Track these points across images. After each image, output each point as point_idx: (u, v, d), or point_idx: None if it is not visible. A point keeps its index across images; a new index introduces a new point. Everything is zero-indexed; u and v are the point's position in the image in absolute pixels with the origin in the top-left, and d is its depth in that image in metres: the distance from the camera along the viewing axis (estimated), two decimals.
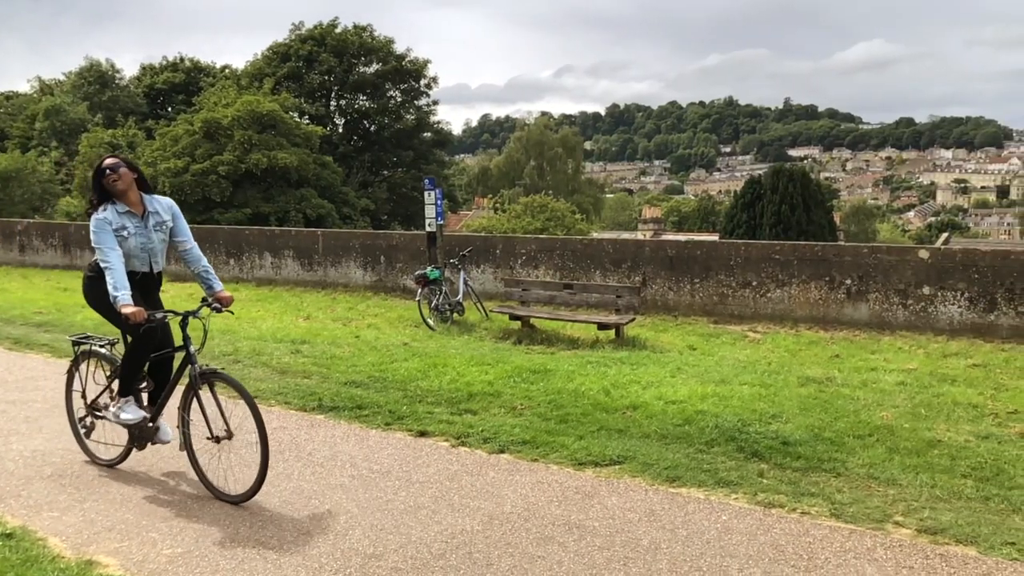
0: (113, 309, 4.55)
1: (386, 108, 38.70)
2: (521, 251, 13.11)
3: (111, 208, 4.64)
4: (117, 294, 4.40)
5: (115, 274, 4.45)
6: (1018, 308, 9.27)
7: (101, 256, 4.55)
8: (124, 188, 4.64)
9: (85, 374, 5.23)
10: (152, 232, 4.75)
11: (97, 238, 4.56)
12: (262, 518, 4.36)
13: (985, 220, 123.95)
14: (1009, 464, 4.98)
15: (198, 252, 4.99)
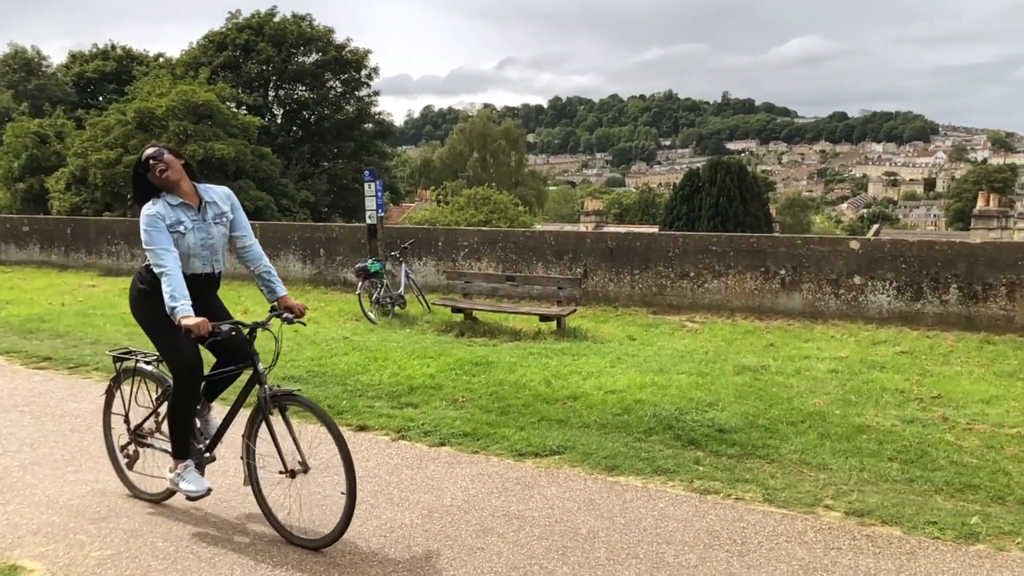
0: (166, 330, 3.89)
1: (326, 99, 38.09)
2: (463, 243, 13.09)
3: (161, 201, 3.92)
4: (176, 304, 3.70)
5: (173, 280, 3.75)
6: (942, 297, 9.61)
7: (155, 259, 3.82)
8: (176, 178, 3.94)
9: (129, 395, 4.49)
10: (212, 226, 4.05)
11: (150, 237, 3.83)
12: (195, 518, 4.27)
13: (914, 212, 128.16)
14: (932, 447, 5.16)
15: (259, 250, 4.29)
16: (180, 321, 3.69)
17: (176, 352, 3.94)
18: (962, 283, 9.51)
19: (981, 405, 6.19)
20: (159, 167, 3.91)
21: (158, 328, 3.97)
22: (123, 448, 4.60)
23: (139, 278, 4.11)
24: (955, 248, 9.75)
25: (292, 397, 3.98)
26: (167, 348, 3.98)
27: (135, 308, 4.14)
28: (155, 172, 3.92)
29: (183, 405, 4.03)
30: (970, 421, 5.75)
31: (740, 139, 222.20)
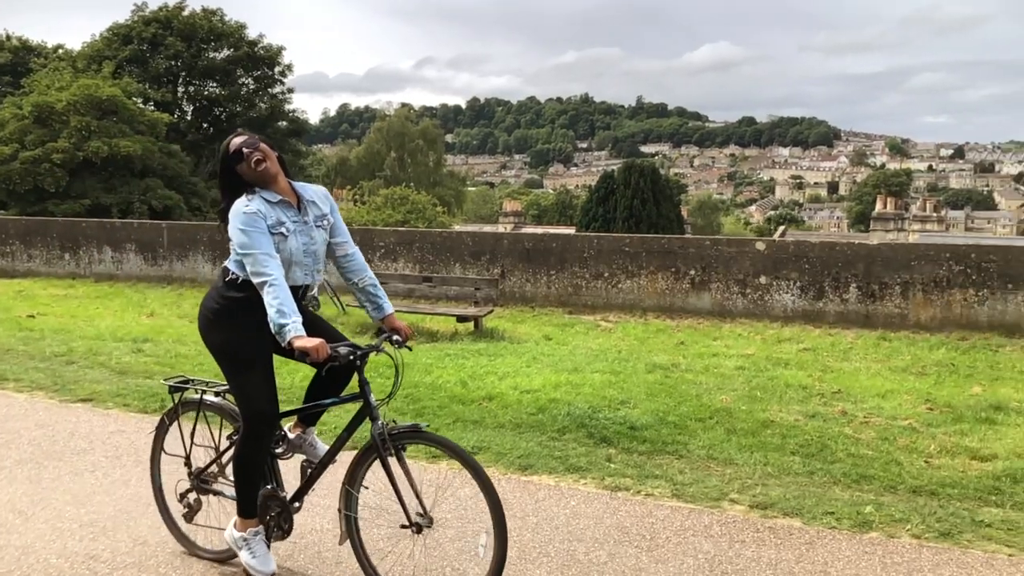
0: (246, 363, 3.29)
1: (238, 95, 37.16)
2: (380, 244, 12.96)
3: (258, 198, 3.27)
4: (286, 321, 3.05)
5: (280, 291, 3.10)
6: (843, 296, 10.03)
7: (256, 266, 3.14)
8: (275, 171, 3.31)
9: (191, 433, 3.75)
10: (314, 229, 3.40)
11: (249, 240, 3.15)
12: (94, 530, 4.10)
13: (818, 214, 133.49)
14: (832, 440, 5.38)
15: (363, 259, 3.64)
16: (292, 342, 3.04)
17: (251, 391, 3.29)
18: (861, 283, 9.95)
19: (877, 399, 6.48)
20: (255, 157, 3.27)
21: (236, 358, 3.31)
22: (182, 496, 3.79)
23: (215, 294, 3.38)
24: (854, 249, 10.19)
25: (419, 434, 3.31)
26: (241, 385, 3.30)
27: (208, 331, 3.39)
28: (250, 163, 3.26)
29: (253, 454, 3.36)
30: (867, 415, 6.02)
31: (654, 142, 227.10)
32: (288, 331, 3.04)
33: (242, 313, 3.28)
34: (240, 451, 3.36)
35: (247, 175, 3.29)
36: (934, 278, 9.61)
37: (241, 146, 3.28)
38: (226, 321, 3.32)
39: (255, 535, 3.44)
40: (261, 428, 3.31)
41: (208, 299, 3.41)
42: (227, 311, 3.32)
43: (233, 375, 3.34)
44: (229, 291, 3.31)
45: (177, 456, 3.79)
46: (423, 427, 3.34)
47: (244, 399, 3.30)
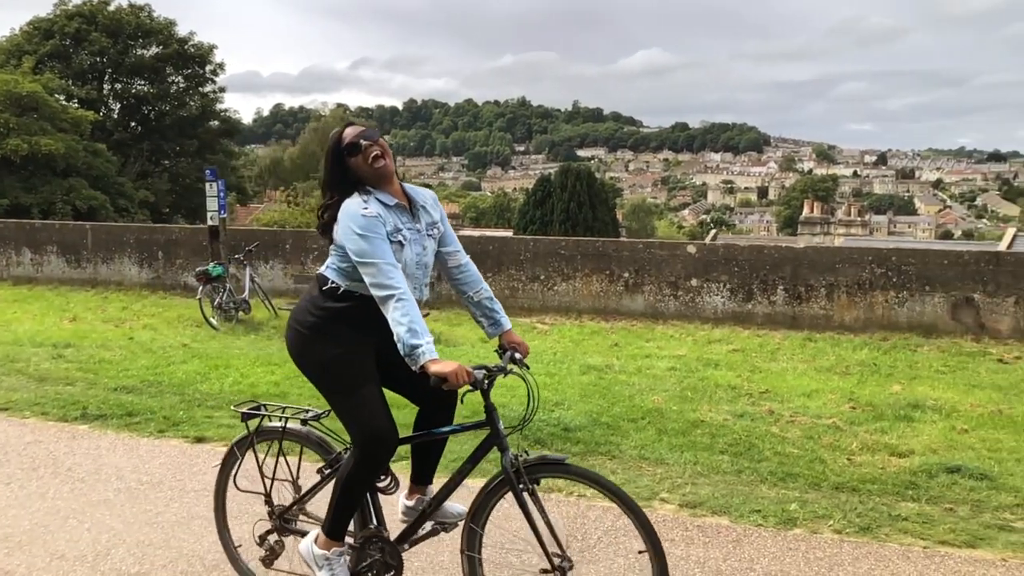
0: (353, 383, 2.92)
1: (167, 94, 36.16)
2: (313, 246, 12.78)
3: (373, 199, 2.90)
4: (419, 342, 2.69)
5: (411, 307, 2.74)
6: (770, 298, 10.29)
7: (378, 277, 2.77)
8: (392, 170, 2.97)
9: (274, 467, 3.32)
10: (426, 238, 3.04)
11: (370, 247, 2.79)
12: (9, 545, 3.94)
13: (748, 218, 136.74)
14: (759, 439, 5.51)
15: (476, 270, 3.28)
16: (427, 367, 2.68)
17: (365, 411, 2.92)
18: (788, 285, 10.22)
19: (803, 398, 6.66)
20: (373, 152, 2.90)
21: (343, 377, 2.94)
22: (262, 539, 3.39)
23: (310, 306, 2.99)
24: (781, 252, 10.47)
25: (561, 467, 2.97)
26: (352, 406, 2.92)
27: (303, 348, 3.01)
28: (367, 159, 2.90)
29: (364, 480, 3.01)
30: (793, 414, 6.18)
31: (590, 146, 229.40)
32: (422, 353, 2.68)
33: (345, 326, 2.93)
34: (350, 475, 2.97)
35: (360, 171, 2.92)
36: (857, 280, 9.93)
37: (358, 137, 2.91)
38: (327, 336, 2.94)
39: (339, 555, 3.08)
40: (379, 452, 2.95)
41: (301, 312, 3.02)
42: (328, 324, 2.95)
43: (341, 396, 2.94)
44: (327, 301, 2.95)
45: (254, 493, 3.37)
46: (563, 458, 2.97)
47: (357, 422, 2.92)
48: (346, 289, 2.94)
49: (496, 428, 2.96)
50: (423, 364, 2.69)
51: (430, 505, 3.15)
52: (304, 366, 3.04)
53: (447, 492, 3.11)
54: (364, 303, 2.89)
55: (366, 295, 2.86)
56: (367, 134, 2.94)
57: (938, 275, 9.65)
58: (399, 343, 2.71)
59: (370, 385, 2.95)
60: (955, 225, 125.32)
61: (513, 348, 3.16)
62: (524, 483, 2.89)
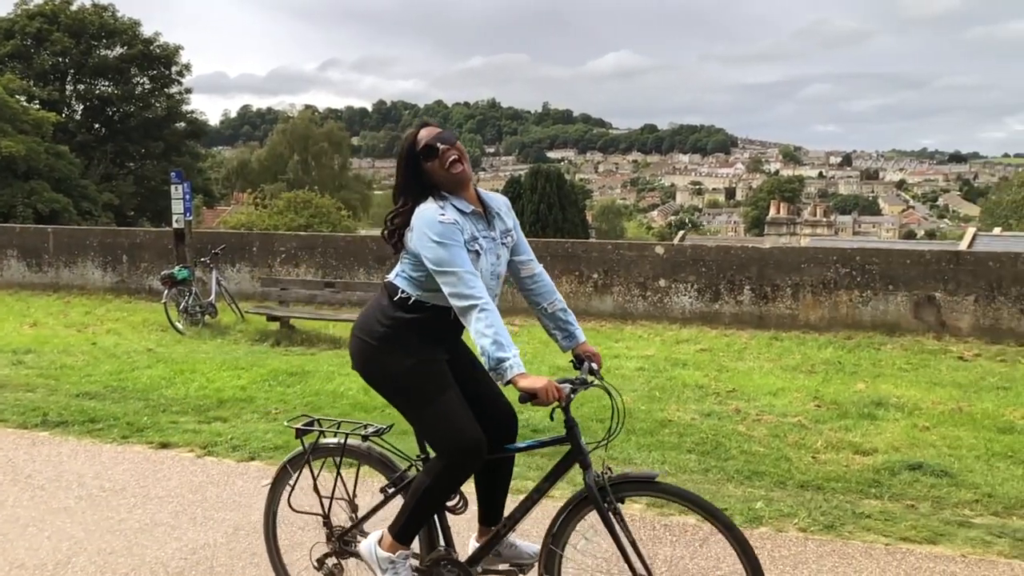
0: (433, 392, 2.77)
1: (132, 95, 35.61)
2: (280, 249, 12.68)
3: (450, 205, 2.75)
4: (506, 356, 2.53)
5: (495, 319, 2.58)
6: (737, 297, 10.39)
7: (458, 286, 2.62)
8: (470, 175, 2.82)
9: (333, 486, 3.13)
10: (500, 246, 2.90)
11: (449, 255, 2.64)
12: None
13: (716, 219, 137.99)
14: (726, 438, 5.56)
15: (550, 279, 3.12)
16: (515, 382, 2.53)
17: (451, 420, 2.75)
18: (754, 285, 10.32)
19: (769, 397, 6.73)
20: (451, 156, 2.74)
21: (422, 387, 2.79)
22: (320, 563, 3.21)
23: (379, 315, 2.84)
24: (748, 252, 10.58)
25: (651, 485, 2.81)
26: (434, 416, 2.77)
27: (373, 360, 2.85)
28: (444, 163, 2.74)
29: (446, 490, 2.86)
30: (759, 412, 6.24)
31: (560, 148, 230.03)
32: (509, 368, 2.53)
33: (416, 337, 2.79)
34: (433, 484, 2.80)
35: (436, 176, 2.76)
36: (822, 280, 10.07)
37: (435, 140, 2.76)
38: (397, 346, 2.80)
39: (404, 559, 2.93)
40: (468, 462, 2.77)
41: (368, 322, 2.86)
42: (398, 335, 2.80)
43: (421, 407, 2.79)
44: (398, 311, 2.80)
45: (310, 514, 3.19)
46: (652, 474, 2.79)
47: (441, 433, 2.76)
48: (417, 299, 2.80)
49: (578, 444, 2.79)
50: (511, 379, 2.54)
51: (505, 525, 2.96)
52: (372, 378, 2.90)
53: (523, 511, 2.93)
54: (436, 314, 2.79)
55: (439, 305, 2.76)
56: (444, 137, 2.79)
57: (901, 274, 9.81)
58: (483, 356, 2.57)
59: (450, 392, 2.80)
60: (918, 225, 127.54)
61: (589, 359, 3.02)
62: (610, 501, 2.74)
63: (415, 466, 2.97)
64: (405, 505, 2.88)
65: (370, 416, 6.03)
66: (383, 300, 2.87)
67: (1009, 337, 9.25)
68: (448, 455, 2.76)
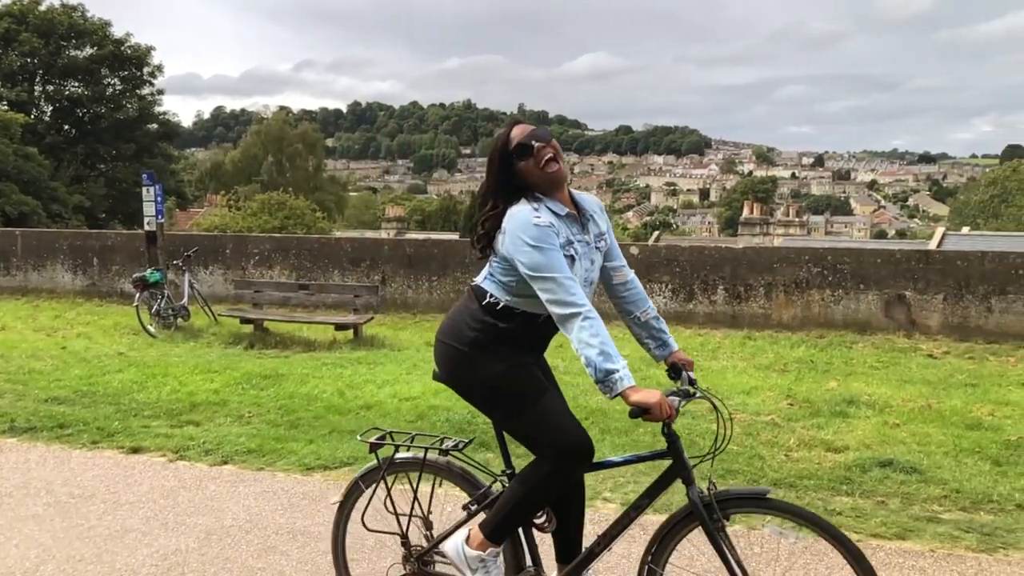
0: (533, 395, 2.64)
1: (103, 96, 35.16)
2: (254, 251, 12.58)
3: (544, 207, 2.61)
4: (615, 367, 2.43)
5: (600, 328, 2.47)
6: (711, 297, 10.46)
7: (561, 294, 2.48)
8: (566, 175, 2.69)
9: (412, 503, 2.99)
10: (595, 251, 2.75)
11: (547, 259, 2.50)
12: None
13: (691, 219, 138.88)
14: (699, 437, 5.59)
15: (642, 287, 3.01)
16: (626, 395, 2.43)
17: (555, 421, 2.62)
18: (728, 284, 10.40)
19: (743, 396, 6.78)
20: (546, 155, 2.60)
21: (521, 390, 2.65)
22: None
23: (469, 319, 2.71)
24: (721, 253, 10.65)
25: (761, 501, 2.63)
26: (538, 419, 2.62)
27: (459, 367, 2.73)
28: (539, 162, 2.60)
29: (552, 491, 2.71)
30: (733, 411, 6.25)
31: None
32: (619, 380, 2.42)
33: (507, 345, 2.66)
34: (538, 486, 2.65)
35: (530, 176, 2.61)
36: (795, 279, 10.16)
37: (530, 138, 2.61)
38: (488, 352, 2.66)
39: (495, 557, 2.78)
40: (576, 464, 2.65)
41: (456, 326, 2.73)
42: (491, 339, 2.66)
43: (520, 411, 2.64)
44: (487, 316, 2.66)
45: (386, 533, 3.03)
46: (766, 493, 2.64)
47: (545, 436, 2.61)
48: (506, 304, 2.66)
49: (681, 458, 2.65)
50: (620, 392, 2.43)
51: (599, 544, 2.78)
52: (462, 386, 2.77)
53: (620, 529, 2.78)
54: (527, 321, 2.67)
55: (529, 312, 2.65)
56: (539, 134, 2.64)
57: (872, 273, 9.93)
58: (589, 368, 2.44)
59: (548, 393, 2.68)
60: (889, 225, 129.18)
61: (685, 368, 2.86)
62: (717, 518, 2.59)
63: (500, 481, 2.86)
64: (501, 505, 2.74)
65: (346, 420, 6.01)
66: (471, 304, 2.73)
67: (977, 335, 9.40)
68: (554, 457, 2.61)
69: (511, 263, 2.58)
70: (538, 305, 2.57)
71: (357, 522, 3.04)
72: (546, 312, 2.57)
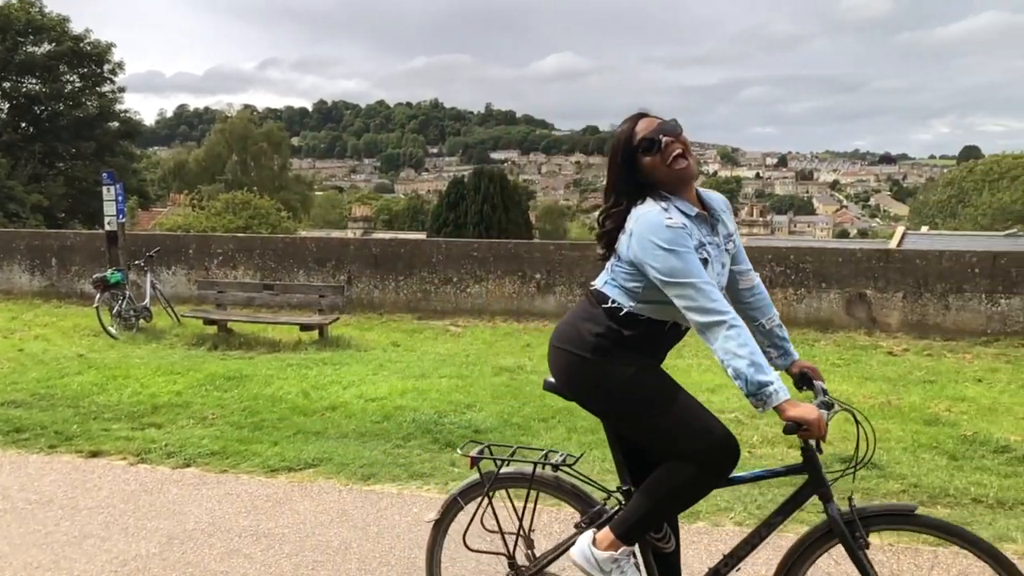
0: (669, 398, 2.47)
1: (61, 93, 34.47)
2: (217, 251, 12.43)
3: (675, 209, 2.44)
4: (769, 379, 2.27)
5: (748, 337, 2.32)
6: None
7: (702, 301, 2.32)
8: (696, 172, 2.53)
9: (519, 521, 2.80)
10: (724, 254, 2.57)
11: (685, 264, 2.34)
12: None
13: None
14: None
15: (767, 293, 2.82)
16: (782, 410, 2.28)
17: (696, 420, 2.46)
18: None
19: (707, 393, 6.84)
20: (675, 150, 2.44)
21: (655, 393, 2.48)
22: None
23: (590, 325, 2.53)
24: None
25: (909, 518, 2.49)
26: (677, 420, 2.45)
27: (584, 376, 2.54)
28: (666, 158, 2.43)
29: (693, 495, 2.52)
30: None
31: (503, 149, 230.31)
32: (774, 393, 2.26)
33: (632, 351, 2.50)
34: (680, 485, 2.47)
35: (655, 173, 2.45)
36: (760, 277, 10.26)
37: (657, 133, 2.43)
38: (614, 356, 2.49)
39: (627, 556, 2.58)
40: (723, 460, 2.45)
41: (576, 333, 2.55)
42: (616, 343, 2.49)
43: (656, 414, 2.47)
44: (610, 322, 2.50)
45: (491, 553, 2.86)
46: (914, 508, 2.48)
47: (690, 433, 2.43)
48: (630, 311, 2.50)
49: (819, 474, 2.48)
50: (776, 406, 2.27)
51: (726, 564, 2.61)
52: (587, 393, 2.57)
53: (749, 548, 2.60)
54: (653, 328, 2.52)
55: (655, 319, 2.50)
56: (667, 128, 2.45)
57: (833, 272, 10.08)
58: (739, 380, 2.28)
59: (683, 392, 2.52)
60: (851, 224, 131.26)
61: (815, 377, 2.68)
62: (859, 536, 2.42)
63: (614, 497, 2.71)
64: (637, 505, 2.55)
65: (310, 421, 5.96)
66: (591, 308, 2.57)
67: (935, 332, 9.59)
68: (701, 456, 2.43)
69: (638, 268, 2.43)
70: (665, 312, 2.45)
71: (458, 542, 2.83)
72: (672, 319, 2.48)
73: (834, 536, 2.47)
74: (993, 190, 52.05)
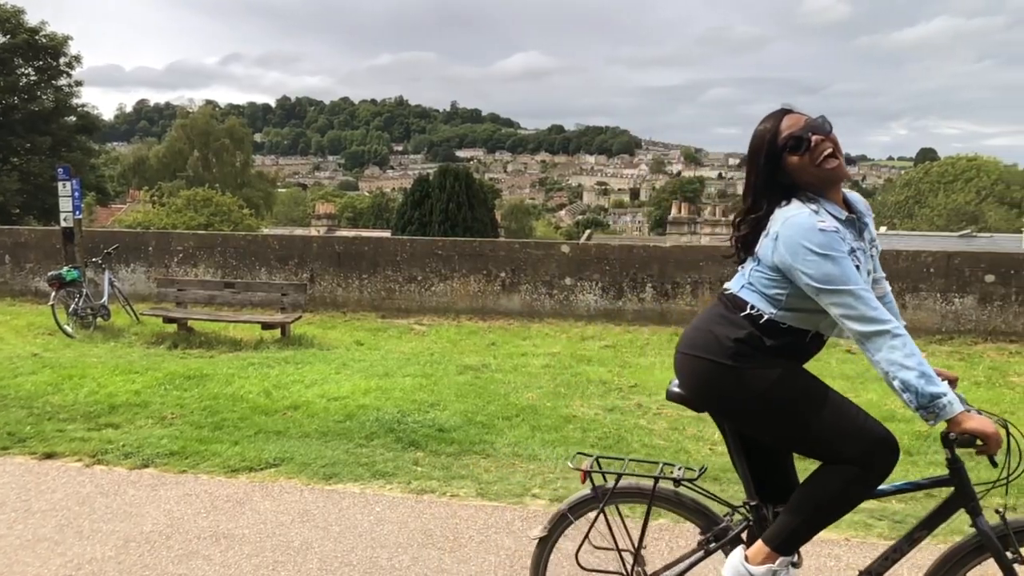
0: (820, 403, 2.34)
1: (16, 86, 33.63)
2: (177, 248, 12.24)
3: (826, 213, 2.31)
4: (941, 391, 2.16)
5: (914, 347, 2.20)
6: (640, 295, 10.62)
7: (863, 309, 2.20)
8: (846, 173, 2.40)
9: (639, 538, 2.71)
10: (870, 259, 2.45)
11: (843, 271, 2.22)
12: None
13: (621, 218, 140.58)
14: (628, 432, 5.68)
15: (895, 302, 2.70)
16: (960, 422, 2.17)
17: (850, 423, 2.34)
18: (656, 282, 10.58)
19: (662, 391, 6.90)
20: (825, 149, 2.31)
21: (798, 400, 2.36)
22: None
23: (729, 331, 2.40)
24: (650, 251, 10.83)
25: None
26: (828, 424, 2.33)
27: (722, 382, 2.40)
28: (815, 158, 2.31)
29: (857, 497, 2.37)
30: (660, 407, 6.39)
31: (469, 147, 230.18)
32: (948, 404, 2.14)
33: (776, 354, 2.37)
34: (842, 488, 2.33)
35: (802, 174, 2.33)
36: (720, 277, 10.38)
37: (805, 130, 2.31)
38: (761, 360, 2.36)
39: (785, 566, 2.45)
40: (885, 458, 2.32)
41: (712, 339, 2.42)
42: (756, 348, 2.36)
43: (806, 417, 2.35)
44: (751, 328, 2.37)
45: (604, 572, 2.74)
46: None
47: (846, 434, 2.32)
48: (770, 319, 2.37)
49: (967, 487, 2.35)
50: (953, 418, 2.16)
51: None
52: (724, 404, 2.46)
53: (889, 564, 2.46)
54: (795, 337, 2.39)
55: (797, 328, 2.38)
56: (815, 125, 2.32)
57: None
58: (907, 392, 2.16)
59: (832, 391, 2.39)
60: None
61: (953, 386, 2.46)
62: (1015, 550, 2.31)
63: (739, 512, 2.61)
64: (792, 516, 2.41)
65: (272, 420, 5.90)
66: (728, 313, 2.44)
67: None
68: (862, 457, 2.30)
69: (783, 273, 2.31)
70: (808, 320, 2.36)
71: (568, 559, 2.72)
72: (815, 328, 2.37)
73: (984, 551, 2.37)
74: (948, 191, 53.24)
